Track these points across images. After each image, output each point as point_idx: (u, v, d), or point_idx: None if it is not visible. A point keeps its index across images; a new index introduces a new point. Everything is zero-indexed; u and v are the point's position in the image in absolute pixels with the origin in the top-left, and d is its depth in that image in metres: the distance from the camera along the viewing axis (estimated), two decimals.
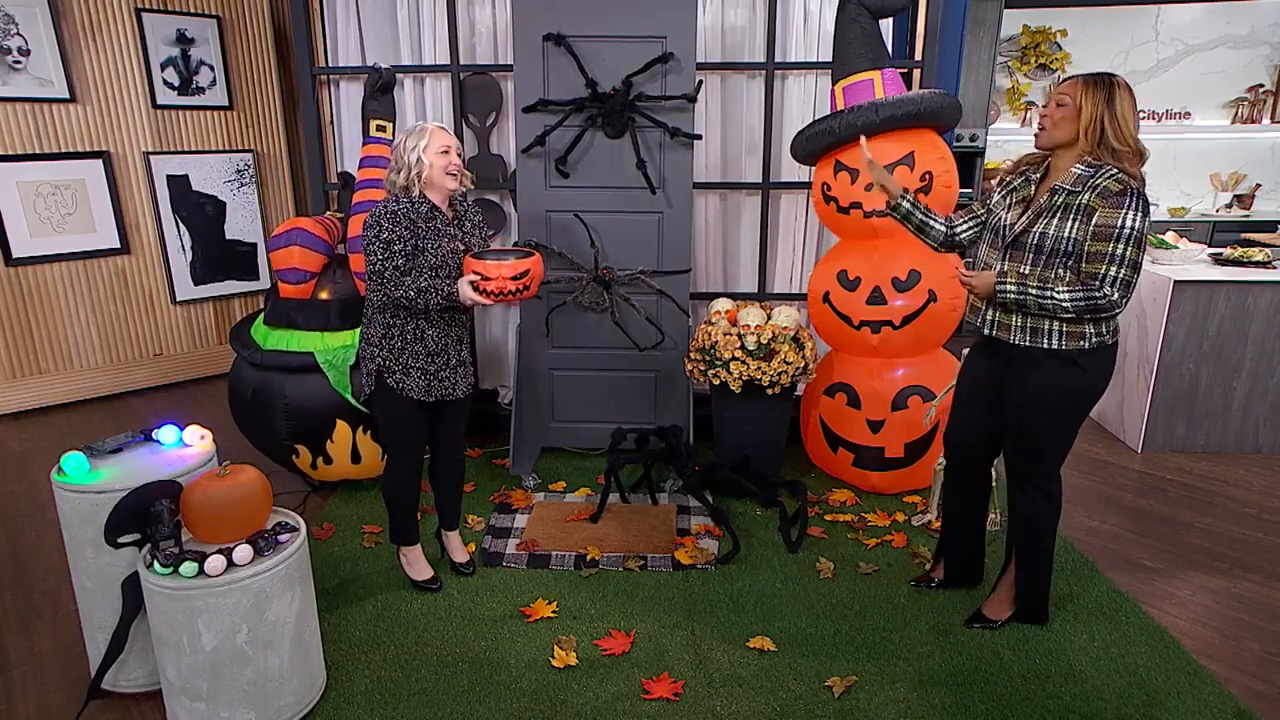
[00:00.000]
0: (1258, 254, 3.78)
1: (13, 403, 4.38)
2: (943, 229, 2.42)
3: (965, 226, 2.42)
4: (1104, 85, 2.07)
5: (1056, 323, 2.14)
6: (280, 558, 2.00)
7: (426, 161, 2.35)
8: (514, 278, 2.36)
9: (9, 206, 4.21)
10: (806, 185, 3.71)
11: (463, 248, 2.47)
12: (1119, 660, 2.34)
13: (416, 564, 2.72)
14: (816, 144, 3.18)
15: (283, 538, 2.06)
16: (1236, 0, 5.73)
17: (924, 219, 2.43)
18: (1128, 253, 2.02)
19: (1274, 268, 3.71)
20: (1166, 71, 5.94)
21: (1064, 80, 2.17)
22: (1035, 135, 2.20)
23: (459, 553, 2.83)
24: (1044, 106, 2.18)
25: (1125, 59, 5.95)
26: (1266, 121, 5.85)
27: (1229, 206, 5.99)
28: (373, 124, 3.24)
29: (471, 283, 2.35)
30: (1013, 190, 2.27)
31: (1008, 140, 6.06)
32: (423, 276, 2.36)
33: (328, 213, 3.61)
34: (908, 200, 2.43)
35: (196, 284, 4.85)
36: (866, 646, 2.41)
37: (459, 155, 2.43)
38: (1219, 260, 3.88)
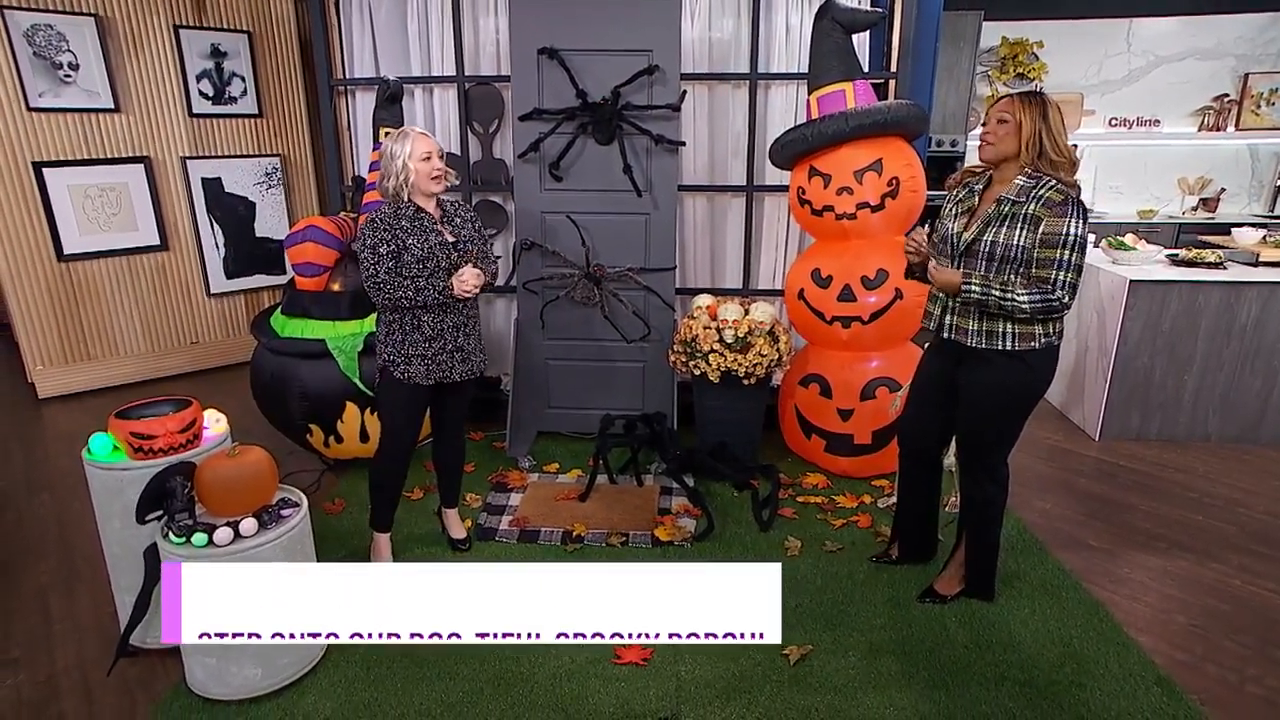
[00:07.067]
0: (1211, 256, 3.73)
1: (64, 385, 4.48)
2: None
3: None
4: (1038, 102, 2.08)
5: (1010, 324, 2.13)
6: (282, 530, 2.05)
7: (412, 167, 2.33)
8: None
9: (61, 207, 4.30)
10: (787, 189, 3.70)
11: (451, 239, 2.44)
12: (1056, 633, 2.35)
13: (383, 552, 2.71)
14: (792, 150, 3.17)
15: (285, 512, 2.10)
16: (1204, 15, 5.63)
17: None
18: (1073, 258, 2.03)
19: (1225, 269, 3.66)
20: (1138, 81, 5.84)
21: (999, 99, 2.16)
22: (980, 149, 2.20)
23: (456, 529, 2.86)
24: (985, 124, 2.17)
25: (1099, 69, 5.86)
26: (1231, 129, 5.75)
27: (1195, 209, 5.90)
28: (382, 132, 3.26)
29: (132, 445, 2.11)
30: (959, 201, 2.27)
31: None
32: (407, 279, 2.35)
33: (341, 214, 3.64)
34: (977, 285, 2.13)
35: (229, 278, 4.92)
36: (824, 618, 2.43)
37: (441, 158, 2.40)
38: (1175, 261, 3.82)
